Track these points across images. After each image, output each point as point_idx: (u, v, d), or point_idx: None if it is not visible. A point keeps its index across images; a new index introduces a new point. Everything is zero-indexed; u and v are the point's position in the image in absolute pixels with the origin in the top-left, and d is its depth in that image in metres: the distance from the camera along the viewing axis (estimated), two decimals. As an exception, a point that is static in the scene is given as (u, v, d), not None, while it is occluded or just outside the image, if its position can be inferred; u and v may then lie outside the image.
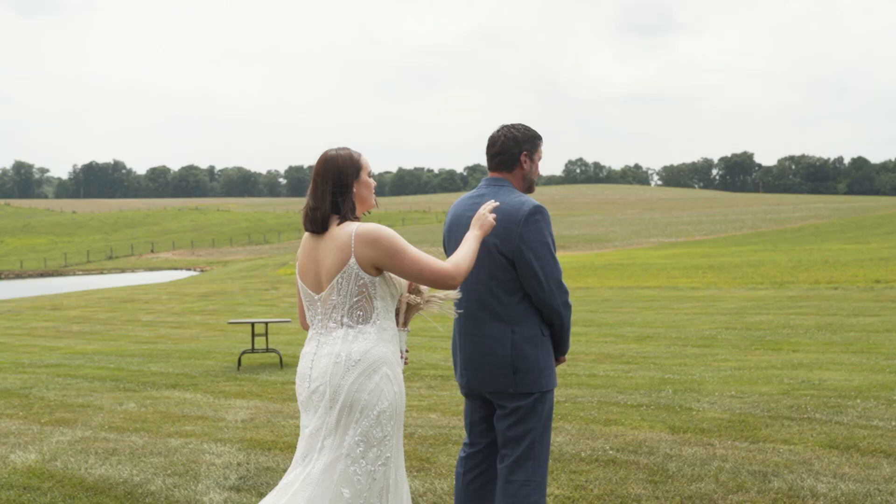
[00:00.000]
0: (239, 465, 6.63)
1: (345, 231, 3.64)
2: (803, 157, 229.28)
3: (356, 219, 3.72)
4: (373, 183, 3.79)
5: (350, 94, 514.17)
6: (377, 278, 3.64)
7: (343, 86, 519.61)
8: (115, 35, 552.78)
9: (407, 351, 3.89)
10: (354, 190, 3.71)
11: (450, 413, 8.69)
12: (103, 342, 19.12)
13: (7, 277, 69.62)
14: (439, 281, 3.67)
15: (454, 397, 9.69)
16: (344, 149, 3.75)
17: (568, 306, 4.11)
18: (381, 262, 3.62)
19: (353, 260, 3.60)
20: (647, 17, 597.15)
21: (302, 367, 3.74)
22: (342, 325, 3.65)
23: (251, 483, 6.09)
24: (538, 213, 4.05)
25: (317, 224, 3.68)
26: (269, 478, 6.24)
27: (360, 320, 3.64)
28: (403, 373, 3.85)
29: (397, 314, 3.88)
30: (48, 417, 9.09)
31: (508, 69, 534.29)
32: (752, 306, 19.84)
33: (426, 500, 5.70)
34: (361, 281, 3.61)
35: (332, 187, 3.67)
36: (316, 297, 3.71)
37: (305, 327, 3.86)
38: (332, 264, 3.63)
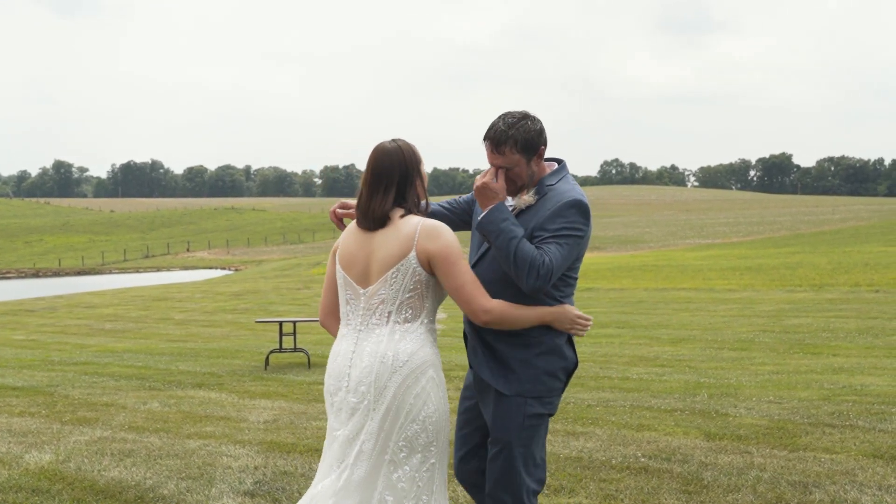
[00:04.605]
0: (256, 468, 6.42)
1: (410, 224, 3.48)
2: (843, 158, 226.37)
3: (419, 213, 3.56)
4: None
5: (385, 93, 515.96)
6: (433, 277, 3.48)
7: (378, 85, 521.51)
8: (153, 36, 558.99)
9: None
10: (416, 182, 3.56)
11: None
12: (134, 340, 19.08)
13: (45, 275, 70.33)
14: (473, 310, 3.50)
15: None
16: (402, 140, 3.60)
17: None
18: (434, 259, 3.45)
19: (413, 253, 3.43)
20: (685, 17, 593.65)
21: (338, 366, 3.52)
22: (388, 321, 3.47)
23: (266, 488, 5.87)
24: None
25: (375, 221, 3.51)
26: (286, 482, 6.01)
27: (409, 318, 3.47)
28: None
29: None
30: (70, 416, 8.96)
31: (544, 68, 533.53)
32: (791, 309, 19.41)
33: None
34: (417, 277, 3.44)
35: (398, 181, 3.51)
36: (361, 291, 3.51)
37: (325, 322, 3.70)
38: (389, 255, 3.46)
